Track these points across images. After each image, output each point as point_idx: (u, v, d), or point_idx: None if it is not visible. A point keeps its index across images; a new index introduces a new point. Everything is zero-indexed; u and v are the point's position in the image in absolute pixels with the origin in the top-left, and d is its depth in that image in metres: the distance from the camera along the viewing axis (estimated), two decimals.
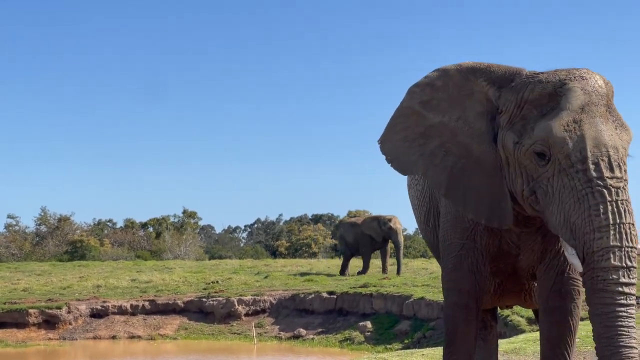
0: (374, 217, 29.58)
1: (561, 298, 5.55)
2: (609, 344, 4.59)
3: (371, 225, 28.99)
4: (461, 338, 5.74)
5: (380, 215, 29.14)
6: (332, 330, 24.26)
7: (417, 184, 6.74)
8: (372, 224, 28.99)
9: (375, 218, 29.25)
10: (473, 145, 5.36)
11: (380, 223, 28.68)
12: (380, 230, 28.69)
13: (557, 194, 4.79)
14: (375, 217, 29.46)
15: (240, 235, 79.72)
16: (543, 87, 4.95)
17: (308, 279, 29.29)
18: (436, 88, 5.57)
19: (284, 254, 60.23)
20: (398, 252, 29.06)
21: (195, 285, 29.42)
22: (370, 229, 28.92)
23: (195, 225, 67.36)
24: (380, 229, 28.66)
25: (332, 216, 73.46)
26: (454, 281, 5.71)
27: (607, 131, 4.79)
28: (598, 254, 4.60)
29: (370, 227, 28.99)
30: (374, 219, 29.30)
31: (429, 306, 22.14)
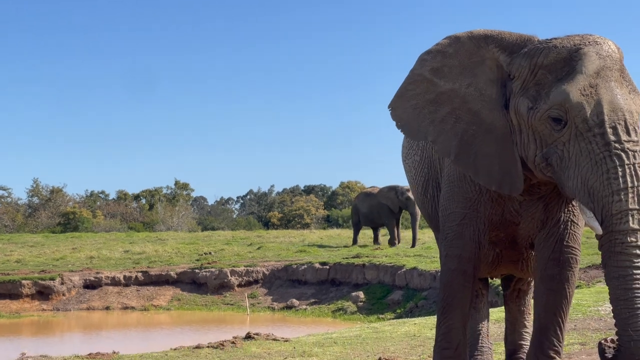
0: (391, 187, 28.71)
1: (559, 266, 5.58)
2: (627, 306, 4.62)
3: (388, 195, 28.35)
4: (457, 304, 5.77)
5: (397, 185, 28.32)
6: (324, 301, 24.37)
7: (414, 154, 6.74)
8: (390, 194, 28.32)
9: (393, 188, 28.43)
10: (484, 112, 5.37)
11: (397, 193, 27.91)
12: (397, 200, 28.03)
13: (574, 158, 4.82)
14: (392, 187, 28.57)
15: (232, 207, 79.78)
16: (558, 52, 4.95)
17: (301, 250, 29.38)
18: (447, 55, 5.58)
19: (276, 225, 60.33)
20: (414, 223, 28.40)
21: (188, 256, 29.49)
22: (387, 199, 28.32)
23: (187, 196, 67.39)
24: (398, 199, 27.98)
25: (324, 187, 73.58)
26: (456, 247, 5.72)
27: (622, 95, 4.82)
28: (617, 217, 4.63)
29: (387, 197, 28.37)
30: (391, 189, 28.49)
31: (421, 276, 22.24)
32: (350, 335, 11.04)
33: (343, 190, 68.25)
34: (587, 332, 9.77)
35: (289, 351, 9.65)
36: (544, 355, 5.64)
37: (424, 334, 10.46)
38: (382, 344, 9.88)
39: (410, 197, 27.05)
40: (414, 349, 9.30)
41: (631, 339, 4.60)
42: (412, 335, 10.51)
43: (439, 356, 5.90)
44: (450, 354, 5.83)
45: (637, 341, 4.58)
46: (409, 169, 6.92)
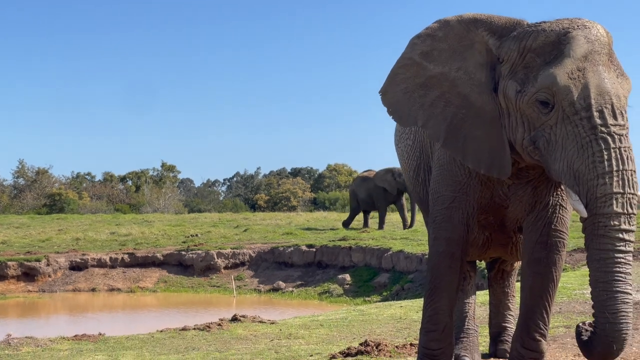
0: (387, 169, 28.25)
1: (546, 249, 5.61)
2: (606, 289, 4.68)
3: (385, 178, 28.05)
4: (444, 287, 5.78)
5: (393, 168, 28.03)
6: (311, 283, 24.40)
7: (406, 139, 6.75)
8: (386, 176, 28.01)
9: (389, 170, 28.03)
10: (473, 95, 5.38)
11: (394, 175, 27.52)
12: (395, 182, 27.68)
13: (561, 141, 4.84)
14: (389, 170, 28.26)
15: (219, 189, 79.68)
16: (547, 35, 4.97)
17: (287, 233, 29.38)
18: (437, 39, 5.59)
19: (263, 208, 60.35)
20: (413, 205, 28.25)
21: (175, 238, 29.45)
22: (384, 182, 28.06)
23: (174, 178, 67.33)
24: (395, 181, 27.62)
25: (311, 170, 73.57)
26: (444, 230, 5.74)
27: (609, 79, 4.84)
28: (601, 200, 4.67)
29: (384, 179, 28.10)
30: (387, 171, 28.08)
31: (408, 259, 22.28)
32: (337, 317, 11.06)
33: (330, 173, 68.28)
34: (572, 315, 9.82)
35: (275, 333, 9.67)
36: (530, 337, 5.67)
37: (410, 317, 10.49)
38: (368, 327, 9.91)
39: None
40: (400, 332, 9.32)
41: (607, 321, 4.65)
42: (398, 318, 10.53)
43: (425, 338, 5.92)
44: (437, 336, 5.85)
45: (612, 323, 4.62)
46: (402, 153, 6.95)
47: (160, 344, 9.13)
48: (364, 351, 7.56)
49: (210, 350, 8.48)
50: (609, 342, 4.65)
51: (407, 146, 6.75)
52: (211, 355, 8.14)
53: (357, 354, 7.52)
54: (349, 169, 68.53)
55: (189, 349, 8.71)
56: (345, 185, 65.84)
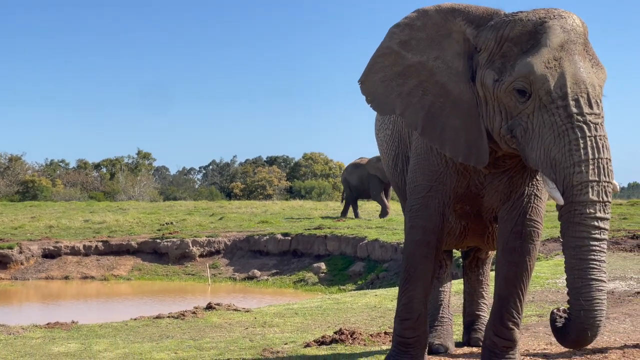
0: (379, 156, 28.22)
1: (521, 239, 5.64)
2: (580, 276, 4.74)
3: (377, 166, 27.68)
4: (420, 275, 5.79)
5: None
6: (286, 272, 24.40)
7: (386, 128, 6.78)
8: (379, 164, 27.52)
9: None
10: (451, 84, 5.41)
11: None
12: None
13: (538, 130, 4.89)
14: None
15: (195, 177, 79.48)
16: (524, 25, 5.00)
17: (263, 221, 29.36)
18: (415, 28, 5.62)
19: (238, 196, 60.25)
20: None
21: (150, 226, 29.34)
22: (376, 169, 27.85)
23: (149, 166, 67.10)
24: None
25: (287, 158, 73.51)
26: (420, 219, 5.75)
27: (585, 69, 4.89)
28: (577, 188, 4.73)
29: (376, 167, 27.83)
30: (379, 159, 27.98)
31: (383, 248, 22.33)
32: (311, 306, 11.07)
33: (306, 161, 68.27)
34: (544, 304, 9.88)
35: (250, 321, 9.66)
36: (503, 326, 5.70)
37: (385, 305, 10.52)
38: (342, 315, 9.92)
39: None
40: (374, 320, 9.34)
41: (582, 308, 4.70)
42: (372, 307, 10.56)
43: (400, 327, 5.93)
44: (411, 324, 5.86)
45: (587, 310, 4.67)
46: (381, 142, 6.98)
47: (134, 332, 9.09)
48: (339, 339, 7.57)
49: (184, 339, 8.46)
50: (583, 328, 4.70)
51: (386, 136, 6.78)
52: (185, 343, 8.13)
53: (331, 343, 7.53)
54: (325, 157, 68.57)
55: (163, 337, 8.68)
56: (321, 174, 65.85)
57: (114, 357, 7.46)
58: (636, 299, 10.03)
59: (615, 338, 7.42)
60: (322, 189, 60.87)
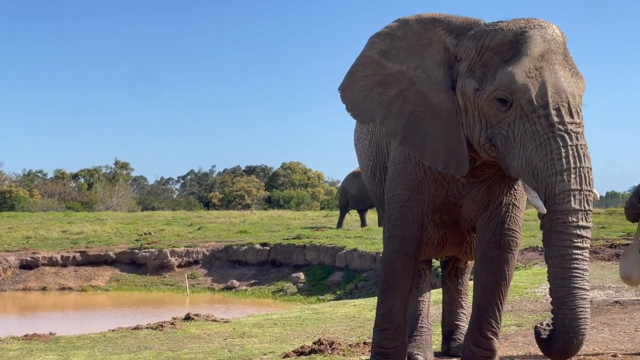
0: None
1: (499, 248, 5.65)
2: (564, 285, 4.75)
3: None
4: (398, 285, 5.79)
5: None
6: (265, 282, 24.35)
7: (364, 139, 6.80)
8: None
9: None
10: (431, 93, 5.42)
11: None
12: None
13: (519, 139, 4.90)
14: None
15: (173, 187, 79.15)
16: (504, 34, 5.03)
17: (241, 231, 29.29)
18: (396, 37, 5.65)
19: (217, 206, 60.09)
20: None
21: (128, 236, 29.20)
22: None
23: (127, 176, 66.82)
24: None
25: (265, 168, 73.39)
26: (399, 229, 5.76)
27: (565, 78, 4.93)
28: (559, 197, 4.75)
29: None
30: None
31: (362, 257, 22.33)
32: (290, 316, 11.05)
33: (284, 171, 68.22)
34: (523, 313, 9.91)
35: (228, 332, 9.62)
36: (482, 336, 5.71)
37: (364, 315, 10.51)
38: (321, 325, 9.91)
39: None
40: (353, 330, 9.34)
41: (565, 317, 4.70)
42: (351, 317, 10.55)
43: (379, 337, 5.93)
44: (390, 334, 5.86)
45: (571, 319, 4.68)
46: (360, 152, 6.99)
47: (112, 344, 9.04)
48: (318, 350, 7.56)
49: (162, 350, 8.41)
50: (569, 337, 4.71)
51: (364, 146, 6.80)
52: (164, 354, 8.08)
53: (310, 353, 7.51)
54: (304, 167, 68.55)
55: (141, 348, 8.63)
56: (299, 184, 65.83)
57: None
58: (614, 308, 10.09)
59: (594, 347, 7.45)
60: (300, 199, 60.83)
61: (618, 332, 8.34)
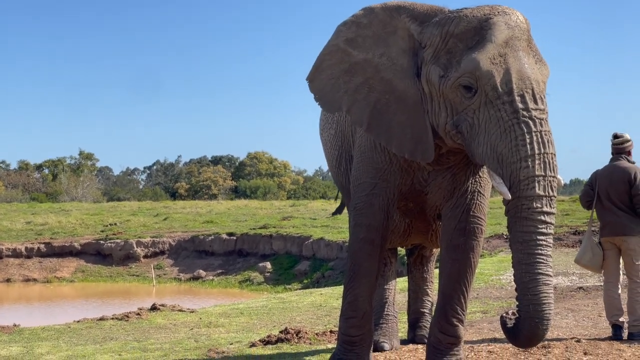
0: None
1: (464, 236, 5.67)
2: (528, 270, 4.76)
3: None
4: (364, 273, 5.79)
5: None
6: (231, 272, 24.31)
7: (329, 128, 6.78)
8: None
9: None
10: (396, 81, 5.41)
11: None
12: None
13: (484, 126, 4.90)
14: None
15: (139, 177, 78.79)
16: (468, 21, 5.02)
17: (208, 221, 29.20)
18: (362, 26, 5.63)
19: (183, 196, 59.88)
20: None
21: (93, 227, 29.01)
22: None
23: (92, 167, 66.35)
24: None
25: (232, 158, 73.23)
26: (365, 217, 5.75)
27: (529, 65, 4.93)
28: (524, 183, 4.75)
29: None
30: None
31: (328, 246, 22.36)
32: (257, 305, 11.03)
33: (251, 161, 68.10)
34: (488, 300, 9.97)
35: (195, 322, 9.59)
36: (448, 323, 5.72)
37: (330, 304, 10.52)
38: (288, 314, 9.91)
39: None
40: (320, 319, 9.34)
41: (530, 303, 4.72)
42: (318, 305, 10.56)
43: (345, 325, 5.92)
44: (356, 322, 5.85)
45: (535, 305, 4.70)
46: (325, 142, 6.98)
47: (77, 335, 8.97)
48: (284, 339, 7.55)
49: (128, 340, 8.36)
50: (534, 323, 4.72)
51: (329, 135, 6.78)
52: (129, 345, 8.03)
53: (277, 342, 7.50)
54: (270, 156, 68.50)
55: (106, 339, 8.57)
56: (266, 173, 65.74)
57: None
58: (578, 294, 10.19)
59: (558, 333, 7.51)
60: (267, 188, 60.77)
61: (582, 317, 8.42)
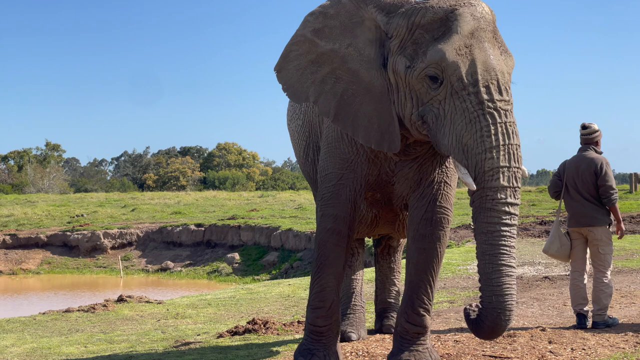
0: None
1: (431, 226, 5.68)
2: (491, 261, 4.80)
3: None
4: (331, 263, 5.79)
5: None
6: (200, 263, 24.26)
7: (297, 119, 6.78)
8: None
9: None
10: (362, 71, 5.42)
11: None
12: None
13: (449, 116, 4.92)
14: None
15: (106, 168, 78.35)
16: (434, 12, 5.03)
17: (176, 212, 29.10)
18: (329, 16, 5.63)
19: (151, 187, 59.63)
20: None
21: (59, 218, 28.79)
22: None
23: (59, 158, 65.82)
24: None
25: (200, 149, 73.00)
26: (332, 207, 5.75)
27: (494, 56, 4.96)
28: (489, 174, 4.79)
29: None
30: None
31: (297, 237, 22.37)
32: (225, 296, 11.01)
33: (219, 152, 67.92)
34: (455, 290, 10.03)
35: (162, 313, 9.55)
36: (415, 312, 5.74)
37: (298, 295, 10.53)
38: (256, 305, 9.90)
39: None
40: (287, 309, 9.34)
41: (492, 294, 4.75)
42: (286, 296, 10.56)
43: (312, 315, 5.92)
44: (323, 313, 5.86)
45: (498, 296, 4.73)
46: (292, 133, 6.98)
47: (43, 327, 8.90)
48: (252, 329, 7.55)
49: (94, 332, 8.31)
50: (496, 314, 4.75)
51: (297, 126, 6.78)
52: (95, 336, 7.98)
53: (244, 333, 7.50)
54: (239, 147, 68.35)
55: (72, 330, 8.52)
56: (234, 164, 65.60)
57: (22, 352, 7.28)
58: (544, 283, 10.27)
59: (524, 322, 7.57)
60: (236, 179, 60.65)
61: (547, 306, 8.49)
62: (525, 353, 6.17)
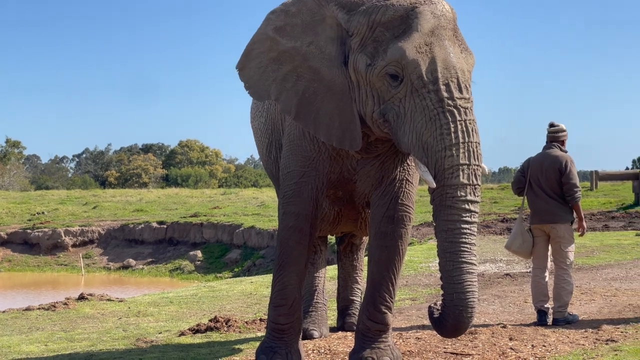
0: None
1: (393, 223, 5.70)
2: (452, 259, 4.82)
3: None
4: (293, 261, 5.79)
5: None
6: (162, 260, 24.15)
7: (260, 116, 6.77)
8: None
9: None
10: (323, 69, 5.42)
11: None
12: None
13: (410, 114, 4.93)
14: None
15: (68, 165, 77.66)
16: (395, 10, 5.04)
17: (138, 209, 28.93)
18: (290, 14, 5.63)
19: (113, 184, 59.22)
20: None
21: (20, 216, 28.50)
22: None
23: (19, 155, 65.17)
24: None
25: (162, 146, 72.63)
26: (293, 205, 5.75)
27: (455, 54, 4.98)
28: (448, 172, 4.80)
29: None
30: None
31: (259, 235, 22.35)
32: (187, 294, 10.98)
33: (182, 149, 67.64)
34: (417, 287, 10.08)
35: (123, 311, 9.50)
36: (376, 310, 5.76)
37: (260, 292, 10.52)
38: (218, 303, 9.88)
39: None
40: (250, 307, 9.33)
41: (454, 291, 4.78)
42: (248, 294, 10.55)
43: (274, 313, 5.92)
44: (285, 310, 5.86)
45: (459, 293, 4.76)
46: (256, 131, 6.97)
47: (3, 325, 8.81)
48: (214, 327, 7.53)
49: (55, 330, 8.24)
50: (458, 311, 4.77)
51: (260, 124, 6.78)
52: (56, 335, 7.92)
53: (206, 331, 7.48)
54: (201, 145, 68.11)
55: (32, 329, 8.44)
56: (197, 162, 65.37)
57: None
58: (505, 280, 10.36)
59: (485, 319, 7.63)
60: (198, 177, 60.43)
61: (508, 303, 8.57)
62: (487, 350, 6.23)
